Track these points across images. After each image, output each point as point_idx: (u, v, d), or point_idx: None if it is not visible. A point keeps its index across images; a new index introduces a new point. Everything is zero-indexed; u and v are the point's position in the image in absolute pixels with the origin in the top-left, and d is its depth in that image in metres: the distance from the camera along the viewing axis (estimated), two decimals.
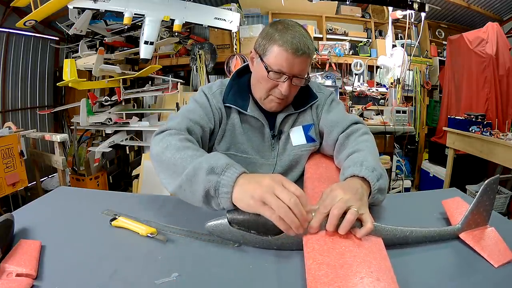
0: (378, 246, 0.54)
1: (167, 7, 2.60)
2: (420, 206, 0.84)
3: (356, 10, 3.82)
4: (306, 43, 0.82)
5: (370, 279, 0.45)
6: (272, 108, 0.92)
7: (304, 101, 0.98)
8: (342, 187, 0.63)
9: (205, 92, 0.95)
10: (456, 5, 3.61)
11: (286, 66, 0.82)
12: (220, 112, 0.94)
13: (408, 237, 0.59)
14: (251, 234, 0.59)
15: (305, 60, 0.83)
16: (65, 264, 0.55)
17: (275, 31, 0.83)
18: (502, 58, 2.91)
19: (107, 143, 2.87)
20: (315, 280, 0.46)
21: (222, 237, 0.60)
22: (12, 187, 2.20)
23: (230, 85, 0.97)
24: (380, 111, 3.33)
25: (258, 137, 0.97)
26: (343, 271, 0.47)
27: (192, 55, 3.45)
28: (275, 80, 0.85)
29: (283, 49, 0.81)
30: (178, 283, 0.51)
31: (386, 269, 0.48)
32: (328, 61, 3.51)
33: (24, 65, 3.52)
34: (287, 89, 0.85)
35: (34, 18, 2.43)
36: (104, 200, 0.83)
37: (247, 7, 3.60)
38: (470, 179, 2.82)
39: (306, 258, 0.51)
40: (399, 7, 3.12)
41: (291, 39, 0.80)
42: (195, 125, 0.85)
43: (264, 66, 0.84)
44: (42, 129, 3.77)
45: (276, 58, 0.82)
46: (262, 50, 0.85)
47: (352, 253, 0.51)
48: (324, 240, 0.55)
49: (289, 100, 0.93)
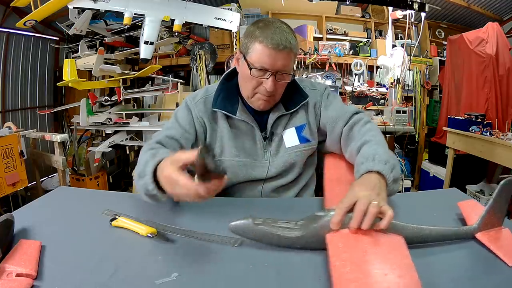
0: (400, 244, 0.55)
1: (167, 7, 2.60)
2: (420, 205, 0.84)
3: (356, 10, 3.82)
4: (288, 37, 0.81)
5: (393, 276, 0.47)
6: (260, 107, 0.91)
7: (295, 101, 0.96)
8: (361, 183, 0.66)
9: (187, 103, 0.97)
10: (456, 5, 3.61)
11: (268, 62, 0.82)
12: (202, 120, 0.94)
13: (428, 236, 0.60)
14: (275, 233, 0.60)
15: (287, 54, 0.82)
16: (65, 264, 0.55)
17: (256, 29, 0.83)
18: (502, 58, 2.90)
19: (107, 143, 2.87)
20: (341, 277, 0.48)
21: (245, 236, 0.61)
22: (12, 187, 2.20)
23: (219, 90, 0.96)
24: (380, 111, 3.32)
25: (249, 140, 0.96)
26: (367, 268, 0.49)
27: (192, 55, 3.45)
28: (259, 78, 0.85)
29: (263, 45, 0.81)
30: (178, 283, 0.51)
31: (408, 267, 0.49)
32: (328, 61, 3.51)
33: (24, 65, 3.52)
34: (272, 85, 0.84)
35: (34, 18, 2.43)
36: (104, 200, 0.84)
37: (247, 7, 3.60)
38: (470, 179, 2.82)
39: (331, 256, 0.53)
40: (399, 7, 3.12)
41: (271, 35, 0.80)
42: (170, 140, 0.88)
43: (247, 64, 0.84)
44: (42, 129, 3.76)
45: (257, 55, 0.82)
46: (245, 49, 0.86)
47: (375, 250, 0.53)
48: (347, 238, 0.56)
49: (276, 97, 0.92)
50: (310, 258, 0.59)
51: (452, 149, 2.73)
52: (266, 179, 0.97)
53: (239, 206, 0.82)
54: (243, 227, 0.60)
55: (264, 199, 0.95)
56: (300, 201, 0.97)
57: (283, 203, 0.90)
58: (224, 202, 0.83)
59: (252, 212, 0.78)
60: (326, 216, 0.59)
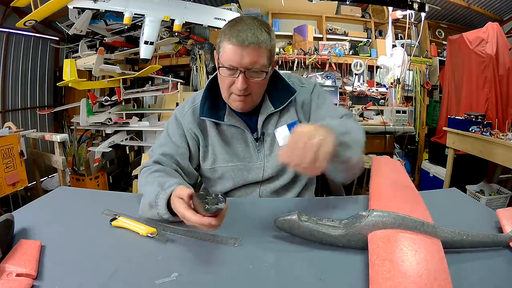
0: (437, 248, 0.56)
1: (167, 7, 2.60)
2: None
3: (356, 10, 3.82)
4: (255, 33, 0.79)
5: (428, 277, 0.48)
6: (238, 107, 0.89)
7: (283, 98, 0.94)
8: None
9: (177, 117, 0.96)
10: (456, 5, 3.61)
11: (234, 59, 0.80)
12: (193, 132, 0.94)
13: (464, 241, 0.60)
14: (319, 231, 0.61)
15: (254, 50, 0.79)
16: (65, 264, 0.55)
17: (226, 28, 0.82)
18: (502, 58, 2.90)
19: (107, 143, 2.87)
20: (378, 275, 0.49)
21: (291, 232, 0.63)
22: (12, 187, 2.20)
23: (204, 98, 0.94)
24: (380, 111, 3.32)
25: (240, 144, 0.95)
26: (404, 268, 0.50)
27: (192, 55, 3.45)
28: (230, 77, 0.83)
29: (229, 43, 0.79)
30: (178, 283, 0.51)
31: (443, 270, 0.50)
32: (328, 61, 3.51)
33: (24, 65, 3.52)
34: (242, 84, 0.82)
35: (34, 18, 2.43)
36: (104, 200, 0.84)
37: (247, 7, 3.60)
38: (470, 179, 2.82)
39: (371, 254, 0.54)
40: (399, 7, 3.12)
41: (237, 32, 0.79)
42: (165, 157, 0.89)
43: (218, 64, 0.84)
44: (42, 129, 3.76)
45: (225, 54, 0.81)
46: (218, 50, 0.85)
47: (413, 251, 0.54)
48: (388, 238, 0.57)
49: (254, 97, 0.89)
50: (310, 258, 0.59)
51: (452, 149, 2.73)
52: (263, 181, 0.97)
53: (239, 206, 0.82)
54: (289, 223, 0.62)
55: (264, 200, 0.95)
56: (301, 202, 0.96)
57: (283, 204, 0.90)
58: None
59: (252, 212, 0.79)
60: (369, 216, 0.60)
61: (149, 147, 3.00)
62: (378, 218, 0.59)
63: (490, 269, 0.57)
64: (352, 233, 0.60)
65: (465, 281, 0.52)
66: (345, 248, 0.61)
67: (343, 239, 0.61)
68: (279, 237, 0.65)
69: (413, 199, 0.75)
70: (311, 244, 0.62)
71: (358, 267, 0.56)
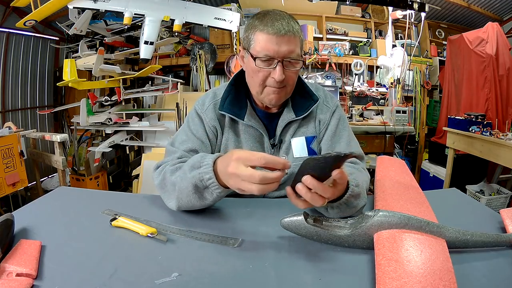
0: (442, 248, 0.56)
1: (167, 7, 2.60)
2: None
3: (356, 10, 3.82)
4: (289, 22, 0.79)
5: (433, 277, 0.48)
6: (272, 100, 0.86)
7: (305, 106, 0.92)
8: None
9: (198, 112, 0.94)
10: (456, 5, 3.62)
11: (272, 49, 0.78)
12: (214, 129, 0.92)
13: (469, 241, 0.60)
14: (326, 231, 0.61)
15: (290, 39, 0.79)
16: (65, 264, 0.55)
17: (255, 20, 0.82)
18: (502, 58, 2.91)
19: (107, 143, 2.87)
20: (384, 275, 0.49)
21: (296, 233, 0.63)
22: (12, 187, 2.20)
23: (227, 92, 0.92)
24: (380, 111, 3.33)
25: (256, 146, 0.93)
26: (409, 268, 0.50)
27: (192, 55, 3.45)
28: (265, 68, 0.81)
29: (264, 33, 0.78)
30: (178, 283, 0.51)
31: (448, 270, 0.50)
32: (328, 61, 3.51)
33: (24, 65, 3.52)
34: (280, 74, 0.79)
35: (34, 18, 2.43)
36: (104, 200, 0.83)
37: (247, 7, 3.60)
38: (470, 179, 2.82)
39: (377, 255, 0.54)
40: (399, 7, 3.12)
41: (271, 22, 0.78)
42: (190, 153, 0.86)
43: (251, 57, 0.81)
44: (42, 129, 3.77)
45: (260, 45, 0.79)
46: (247, 43, 0.83)
47: (418, 251, 0.54)
48: (393, 238, 0.57)
49: (288, 90, 0.87)
50: (310, 258, 0.59)
51: (452, 149, 2.73)
52: None
53: (239, 206, 0.82)
54: (295, 224, 0.62)
55: (266, 200, 0.95)
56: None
57: (284, 204, 0.89)
58: (224, 202, 0.83)
59: (253, 212, 0.79)
60: (375, 216, 0.60)
61: (149, 147, 3.00)
62: (384, 218, 0.59)
63: (494, 269, 0.56)
64: (358, 233, 0.60)
65: (469, 281, 0.52)
66: (349, 248, 0.61)
67: (349, 239, 0.61)
68: (279, 237, 0.65)
69: (418, 199, 0.75)
70: (311, 244, 0.62)
71: (358, 267, 0.56)
